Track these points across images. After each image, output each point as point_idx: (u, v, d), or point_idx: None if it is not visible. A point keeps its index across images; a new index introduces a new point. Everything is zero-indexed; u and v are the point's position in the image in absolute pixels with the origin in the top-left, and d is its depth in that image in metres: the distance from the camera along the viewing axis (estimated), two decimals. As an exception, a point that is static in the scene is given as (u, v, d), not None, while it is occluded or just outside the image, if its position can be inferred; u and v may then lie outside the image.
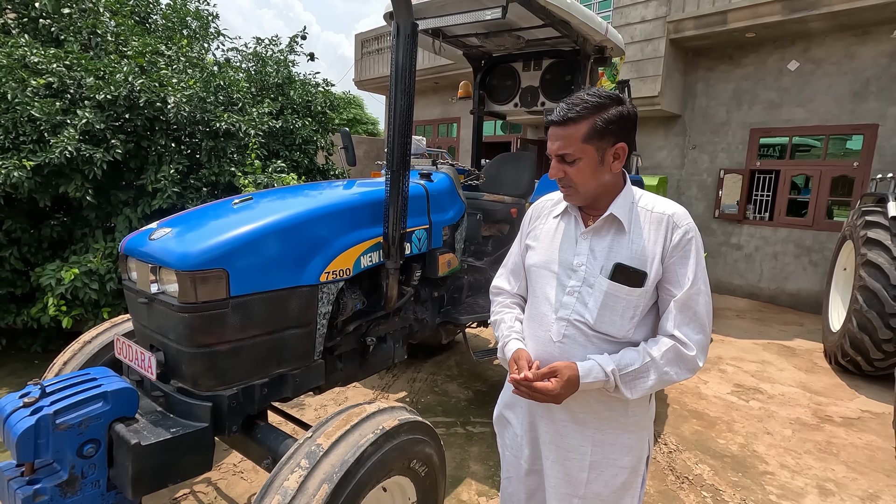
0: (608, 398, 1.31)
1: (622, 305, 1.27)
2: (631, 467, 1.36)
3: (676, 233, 1.25)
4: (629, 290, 1.25)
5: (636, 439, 1.36)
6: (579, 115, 1.23)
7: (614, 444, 1.34)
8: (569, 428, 1.36)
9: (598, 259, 1.29)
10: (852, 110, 6.46)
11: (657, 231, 1.26)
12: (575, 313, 1.30)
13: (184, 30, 5.76)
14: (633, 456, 1.36)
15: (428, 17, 2.79)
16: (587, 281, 1.29)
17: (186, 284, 1.60)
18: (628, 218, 1.29)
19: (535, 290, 1.42)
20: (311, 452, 1.44)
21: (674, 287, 1.26)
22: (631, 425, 1.35)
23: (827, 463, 3.12)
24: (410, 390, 3.86)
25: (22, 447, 1.43)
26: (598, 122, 1.23)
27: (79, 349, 2.14)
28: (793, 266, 7.09)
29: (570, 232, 1.37)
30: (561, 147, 1.26)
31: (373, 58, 11.79)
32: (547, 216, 1.45)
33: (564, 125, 1.25)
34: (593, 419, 1.34)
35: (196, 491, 2.55)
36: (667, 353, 1.23)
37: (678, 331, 1.24)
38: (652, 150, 8.31)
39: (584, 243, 1.32)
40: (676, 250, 1.25)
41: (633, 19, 7.32)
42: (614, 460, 1.35)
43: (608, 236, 1.30)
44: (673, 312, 1.25)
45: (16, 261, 3.64)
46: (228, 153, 4.30)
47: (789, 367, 4.76)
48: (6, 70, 3.40)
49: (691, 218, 1.30)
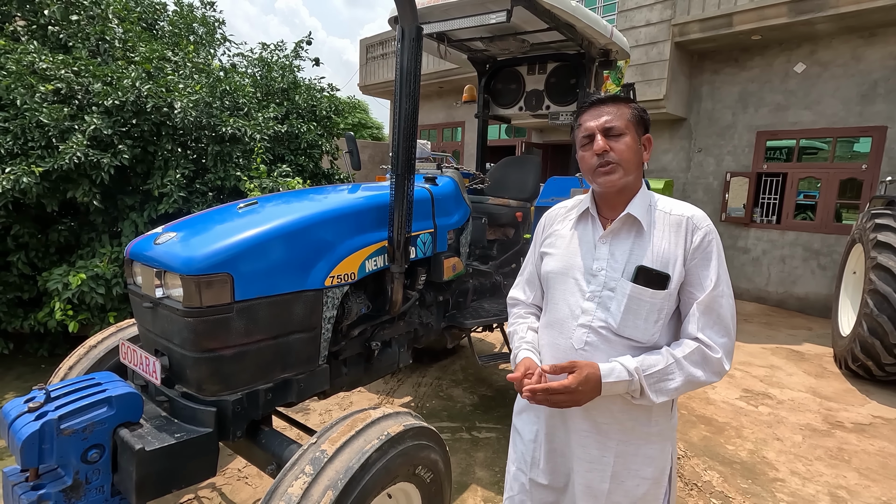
0: (630, 406, 1.28)
1: (646, 309, 1.24)
2: (654, 478, 1.32)
3: (697, 235, 1.25)
4: (652, 292, 1.23)
5: (658, 450, 1.33)
6: (619, 100, 1.31)
7: (636, 454, 1.31)
8: (590, 438, 1.32)
9: (618, 262, 1.28)
10: (860, 112, 6.41)
11: (677, 233, 1.26)
12: (597, 319, 1.27)
13: (190, 36, 5.81)
14: (656, 467, 1.32)
15: (433, 21, 2.80)
16: (608, 285, 1.27)
17: (191, 289, 1.60)
18: (647, 220, 1.28)
19: (554, 297, 1.39)
20: (315, 458, 1.43)
21: (696, 290, 1.24)
22: (654, 435, 1.31)
23: (839, 470, 3.07)
24: (415, 395, 3.84)
25: (26, 452, 1.42)
26: (636, 109, 1.31)
27: (84, 354, 2.15)
28: (801, 269, 7.03)
29: (587, 237, 1.35)
30: (609, 121, 1.27)
31: (377, 62, 11.85)
32: (562, 222, 1.44)
33: (611, 104, 1.30)
34: (616, 429, 1.30)
35: (200, 496, 2.55)
36: (691, 354, 1.21)
37: (702, 333, 1.22)
38: (657, 154, 8.28)
39: (603, 248, 1.31)
40: (698, 252, 1.24)
41: (638, 22, 7.31)
42: (636, 471, 1.31)
43: (628, 239, 1.29)
44: (696, 315, 1.23)
45: (23, 265, 3.66)
46: (234, 158, 4.32)
47: (798, 372, 4.71)
48: (15, 76, 3.44)
49: (710, 220, 1.30)
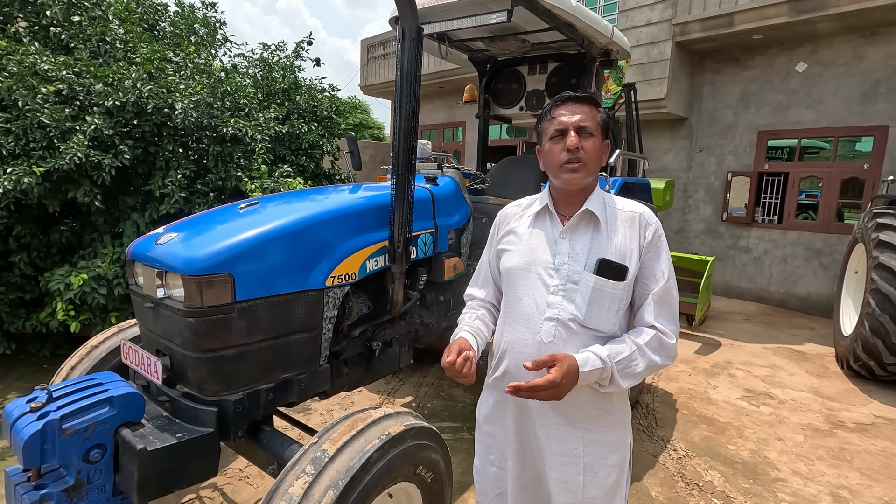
0: (596, 395, 1.34)
1: (608, 300, 1.32)
2: (619, 465, 1.40)
3: (649, 230, 1.35)
4: (613, 284, 1.31)
5: (620, 436, 1.41)
6: (592, 101, 1.36)
7: (602, 442, 1.38)
8: (562, 430, 1.37)
9: (580, 256, 1.34)
10: (861, 112, 6.39)
11: (631, 228, 1.35)
12: (564, 312, 1.32)
13: (191, 36, 5.81)
14: (620, 454, 1.41)
15: (433, 22, 2.80)
16: (571, 278, 1.33)
17: (192, 289, 1.60)
18: (603, 215, 1.36)
19: (517, 293, 1.41)
20: (316, 458, 1.43)
21: (650, 282, 1.34)
22: (615, 423, 1.39)
23: (840, 470, 3.06)
24: (416, 395, 3.84)
25: (28, 452, 1.42)
26: (603, 114, 1.37)
27: (86, 354, 2.15)
28: (802, 269, 7.02)
29: (547, 233, 1.40)
30: (582, 119, 1.32)
31: (378, 63, 11.85)
32: (518, 220, 1.48)
33: (585, 103, 1.35)
34: (584, 418, 1.36)
35: (202, 496, 2.55)
36: (651, 341, 1.30)
37: (657, 322, 1.32)
38: (658, 154, 8.27)
39: (563, 243, 1.36)
40: (651, 247, 1.35)
41: (639, 22, 7.31)
42: (604, 459, 1.38)
43: (587, 234, 1.36)
44: (651, 305, 1.33)
45: (25, 266, 3.67)
46: (235, 158, 4.33)
47: (800, 372, 4.70)
48: (17, 77, 3.45)
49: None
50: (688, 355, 5.05)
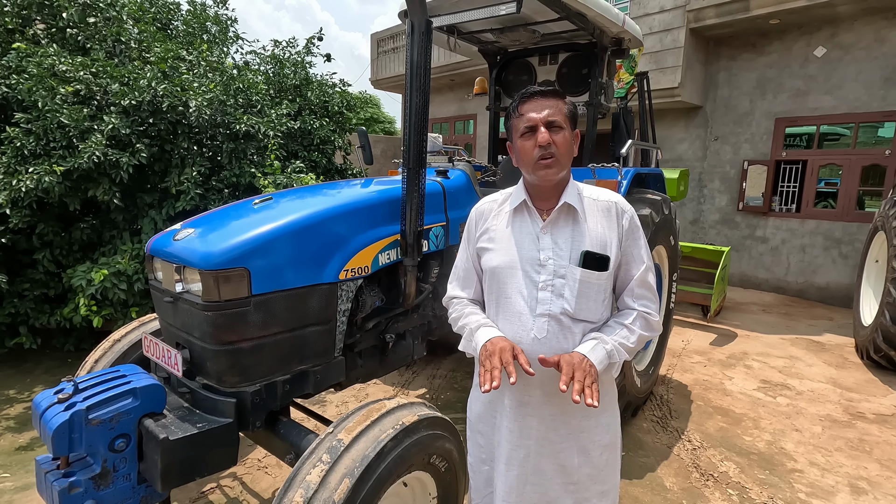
0: None
1: (595, 290, 1.35)
2: (612, 444, 1.46)
3: (625, 218, 1.38)
4: (598, 274, 1.34)
5: (611, 416, 1.47)
6: (557, 94, 1.34)
7: (597, 426, 1.42)
8: (557, 420, 1.40)
9: (563, 250, 1.35)
10: (884, 97, 6.22)
11: (608, 218, 1.37)
12: (555, 306, 1.34)
13: (204, 35, 5.86)
14: (612, 433, 1.46)
15: (442, 14, 2.79)
16: (557, 273, 1.34)
17: (209, 283, 1.64)
18: (580, 207, 1.37)
19: (505, 291, 1.40)
20: (332, 447, 1.47)
21: (632, 267, 1.39)
22: (606, 404, 1.44)
23: (859, 461, 3.02)
24: (430, 387, 3.88)
25: (57, 441, 1.48)
26: (570, 105, 1.36)
27: (109, 347, 2.21)
28: (821, 259, 6.88)
29: (527, 228, 1.39)
30: (551, 114, 1.31)
31: (388, 57, 11.84)
32: (496, 217, 1.46)
33: (551, 97, 1.33)
34: (578, 406, 1.37)
35: (222, 485, 2.62)
36: (637, 319, 1.37)
37: (640, 302, 1.39)
38: (672, 143, 8.15)
39: (545, 238, 1.37)
40: (629, 234, 1.38)
41: (652, 9, 7.18)
42: (598, 440, 1.43)
43: (567, 227, 1.37)
44: (634, 289, 1.39)
45: (48, 263, 3.77)
46: (248, 155, 4.38)
47: (819, 363, 4.63)
48: (37, 79, 3.53)
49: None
50: (703, 346, 5.00)
